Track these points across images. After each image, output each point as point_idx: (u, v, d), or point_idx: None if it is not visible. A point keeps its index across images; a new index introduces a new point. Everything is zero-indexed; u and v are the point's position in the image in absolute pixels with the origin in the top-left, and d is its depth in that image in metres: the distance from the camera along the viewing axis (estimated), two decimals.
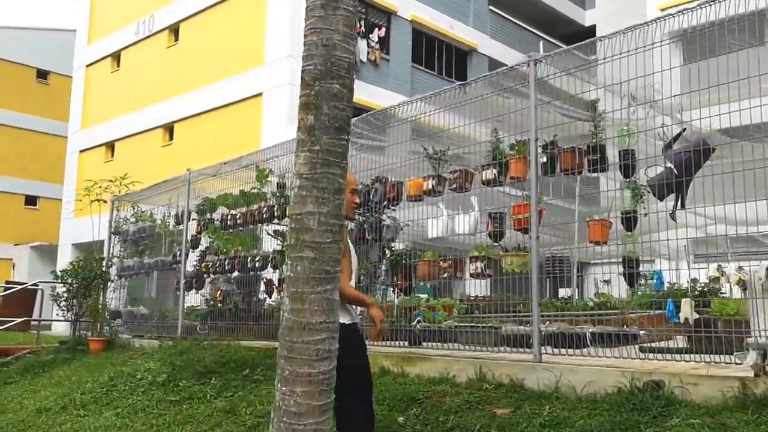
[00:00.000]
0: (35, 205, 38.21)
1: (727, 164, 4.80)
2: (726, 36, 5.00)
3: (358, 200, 4.40)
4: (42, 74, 39.49)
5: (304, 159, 3.12)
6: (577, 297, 10.67)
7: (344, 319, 3.69)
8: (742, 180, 4.67)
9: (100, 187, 13.44)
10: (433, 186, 6.55)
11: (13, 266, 35.61)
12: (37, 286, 15.63)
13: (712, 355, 4.66)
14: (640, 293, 10.84)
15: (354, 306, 4.01)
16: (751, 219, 5.03)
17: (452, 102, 6.66)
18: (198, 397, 7.25)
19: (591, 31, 28.47)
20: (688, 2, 5.29)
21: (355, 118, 7.73)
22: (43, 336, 14.54)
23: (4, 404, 8.80)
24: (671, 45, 5.34)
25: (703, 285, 6.75)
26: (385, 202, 7.20)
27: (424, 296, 8.40)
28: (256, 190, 9.09)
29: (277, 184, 8.71)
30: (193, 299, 10.47)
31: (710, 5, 5.00)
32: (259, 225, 8.92)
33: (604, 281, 13.24)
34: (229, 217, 9.38)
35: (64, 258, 28.47)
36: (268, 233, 8.73)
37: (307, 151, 3.12)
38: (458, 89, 6.52)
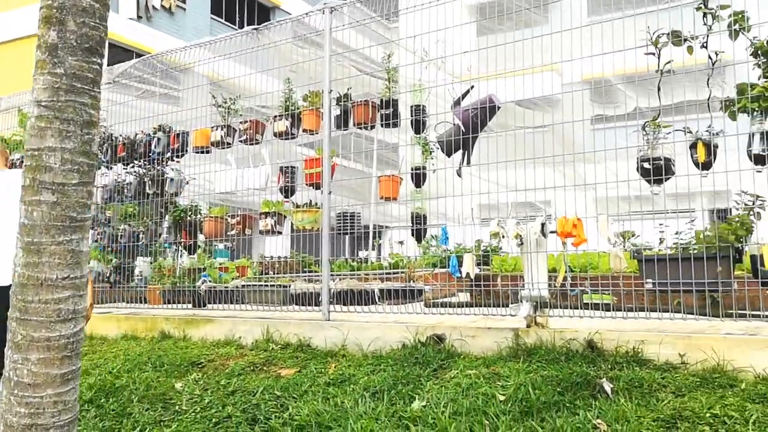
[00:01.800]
0: None
1: (509, 133, 4.98)
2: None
3: None
4: None
5: (44, 83, 2.59)
6: (374, 258, 10.83)
7: None
8: (522, 147, 4.86)
9: None
10: (221, 137, 6.11)
11: None
12: None
13: (491, 308, 4.83)
14: (430, 252, 11.30)
15: None
16: (530, 185, 5.26)
17: (245, 48, 6.25)
18: None
19: None
20: None
21: (136, 60, 7.04)
22: None
23: None
24: (465, 12, 5.39)
25: (487, 244, 7.06)
26: (168, 154, 6.61)
27: (222, 260, 7.94)
28: (18, 138, 7.96)
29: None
30: None
31: None
32: None
33: (399, 242, 13.69)
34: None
35: None
36: None
37: (47, 74, 2.59)
38: (251, 34, 6.11)
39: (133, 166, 6.76)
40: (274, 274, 8.88)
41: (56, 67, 2.59)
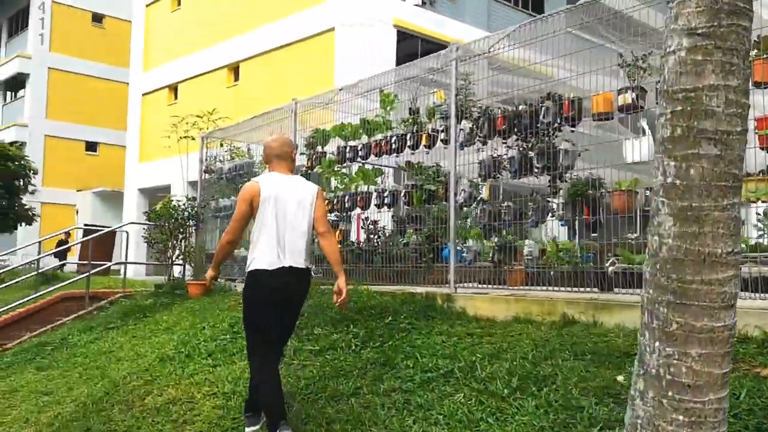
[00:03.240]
0: (95, 151, 38.12)
1: None
2: None
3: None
4: (97, 18, 38.84)
5: (698, 5, 2.04)
6: None
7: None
8: None
9: (187, 123, 12.66)
10: (632, 100, 5.40)
11: (77, 212, 35.79)
12: (122, 229, 15.10)
13: None
14: None
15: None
16: None
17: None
18: (340, 347, 6.41)
19: None
20: None
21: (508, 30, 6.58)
22: (128, 280, 14.02)
23: (115, 351, 8.16)
24: None
25: None
26: (557, 123, 6.08)
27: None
28: (380, 118, 8.05)
29: (410, 110, 7.64)
30: None
31: None
32: (386, 157, 7.90)
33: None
34: (347, 149, 8.37)
35: (131, 203, 28.24)
36: (400, 166, 7.72)
37: None
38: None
39: (517, 140, 6.36)
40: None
41: None
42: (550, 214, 6.09)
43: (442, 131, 7.14)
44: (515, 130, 6.36)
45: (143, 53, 29.16)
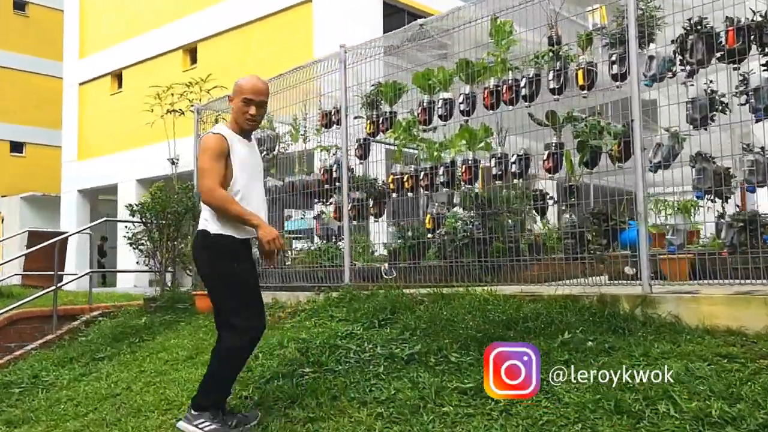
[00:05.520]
0: (21, 152, 34.31)
1: None
2: None
3: (253, 112, 3.91)
4: (19, 5, 35.05)
5: None
6: None
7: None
8: None
9: (172, 94, 10.13)
10: None
11: (2, 220, 31.90)
12: (86, 232, 12.24)
13: None
14: None
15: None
16: None
17: None
18: None
19: None
20: None
21: None
22: (94, 294, 11.24)
23: (122, 395, 5.61)
24: None
25: None
26: None
27: None
28: (492, 57, 5.86)
29: (549, 39, 5.46)
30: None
31: None
32: (506, 108, 5.69)
33: None
34: (439, 104, 6.12)
35: (69, 207, 24.98)
36: (534, 119, 5.51)
37: None
38: None
39: None
40: None
41: None
42: None
43: (614, 62, 4.99)
44: (762, 47, 4.31)
45: (79, 38, 25.92)
